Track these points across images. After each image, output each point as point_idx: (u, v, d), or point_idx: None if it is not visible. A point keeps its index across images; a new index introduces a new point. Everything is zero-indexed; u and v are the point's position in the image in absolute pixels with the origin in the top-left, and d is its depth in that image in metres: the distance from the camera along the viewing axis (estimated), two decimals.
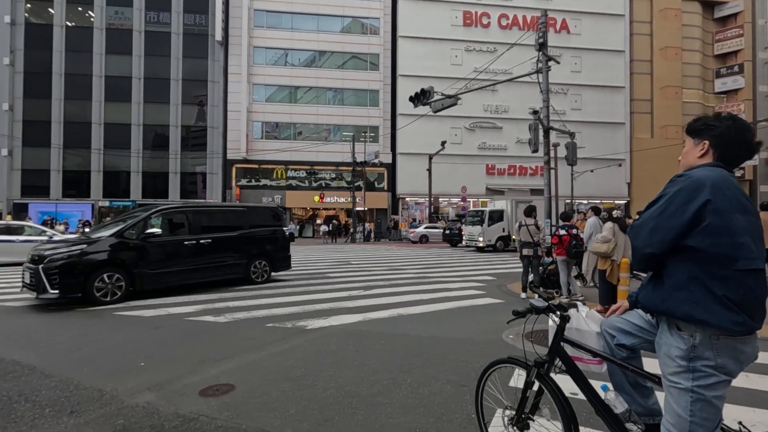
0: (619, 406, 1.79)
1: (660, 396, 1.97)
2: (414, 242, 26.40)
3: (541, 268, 7.74)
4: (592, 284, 8.32)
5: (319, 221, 33.64)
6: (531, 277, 7.63)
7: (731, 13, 37.80)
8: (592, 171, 30.37)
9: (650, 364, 1.98)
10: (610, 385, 1.94)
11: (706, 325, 1.41)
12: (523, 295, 7.51)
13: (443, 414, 2.88)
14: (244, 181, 32.57)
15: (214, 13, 32.17)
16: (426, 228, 27.15)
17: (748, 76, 36.85)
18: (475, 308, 6.61)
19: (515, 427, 2.07)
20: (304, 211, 35.39)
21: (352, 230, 29.85)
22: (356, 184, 29.58)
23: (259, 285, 8.71)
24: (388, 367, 3.83)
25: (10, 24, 30.45)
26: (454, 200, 33.37)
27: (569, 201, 29.92)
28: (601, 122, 34.64)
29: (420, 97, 12.84)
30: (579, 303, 2.04)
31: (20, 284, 7.21)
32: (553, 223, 11.33)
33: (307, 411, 2.97)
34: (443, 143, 27.87)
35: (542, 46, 10.63)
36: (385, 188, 34.16)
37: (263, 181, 32.93)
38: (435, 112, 13.54)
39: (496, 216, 19.34)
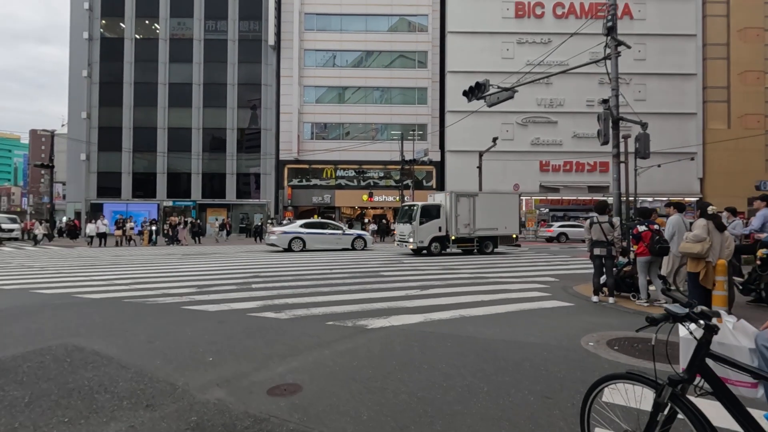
0: None
1: None
2: None
3: (615, 269, 7.11)
4: (673, 288, 7.54)
5: (367, 220, 33.82)
6: (603, 278, 7.02)
7: None
8: (659, 166, 28.04)
9: None
10: None
11: None
12: (595, 298, 6.93)
13: (533, 430, 2.58)
14: (295, 181, 33.39)
15: (267, 18, 33.28)
16: None
17: None
18: (543, 311, 6.17)
19: None
20: (352, 210, 35.70)
21: None
22: (405, 182, 29.37)
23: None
24: (460, 373, 3.57)
25: (88, 40, 33.23)
26: None
27: (632, 198, 27.92)
28: (669, 113, 32.01)
29: (474, 91, 12.37)
30: (722, 312, 1.68)
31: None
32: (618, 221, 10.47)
33: (380, 417, 2.78)
34: (494, 139, 26.88)
35: (611, 31, 9.84)
36: (434, 186, 33.66)
37: (313, 181, 33.59)
38: (490, 106, 12.99)
39: (432, 212, 16.09)
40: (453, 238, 16.18)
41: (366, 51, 34.17)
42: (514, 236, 17.73)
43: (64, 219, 30.60)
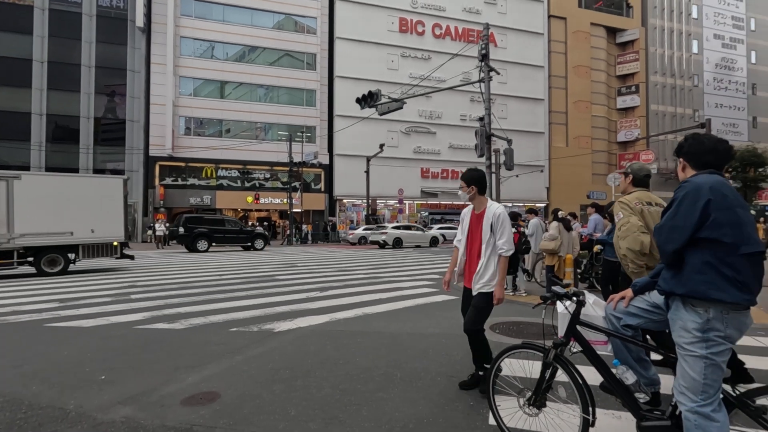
0: (630, 377, 2.04)
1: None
2: (353, 244, 26.45)
3: None
4: (533, 279, 9.01)
5: (251, 223, 32.32)
6: None
7: (629, 39, 43.04)
8: (517, 176, 32.65)
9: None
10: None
11: (719, 302, 1.69)
12: None
13: (446, 404, 3.01)
14: (169, 180, 30.26)
15: None
16: (365, 230, 27.33)
17: (643, 95, 42.19)
18: (435, 305, 6.86)
19: (533, 407, 2.25)
20: (235, 213, 33.74)
21: (288, 232, 29.13)
22: (293, 184, 28.91)
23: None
24: (375, 364, 3.88)
25: None
26: (391, 202, 34.00)
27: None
28: (525, 131, 37.39)
29: (368, 99, 12.97)
30: (585, 292, 2.27)
31: None
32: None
33: (308, 411, 2.92)
34: (381, 146, 28.26)
35: (485, 57, 11.31)
36: (322, 189, 33.80)
37: (191, 181, 30.88)
38: (381, 114, 13.76)
39: None
40: None
41: (250, 46, 32.73)
42: (117, 244, 11.93)
43: None
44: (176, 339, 4.79)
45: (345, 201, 34.15)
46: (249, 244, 21.66)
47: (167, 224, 25.80)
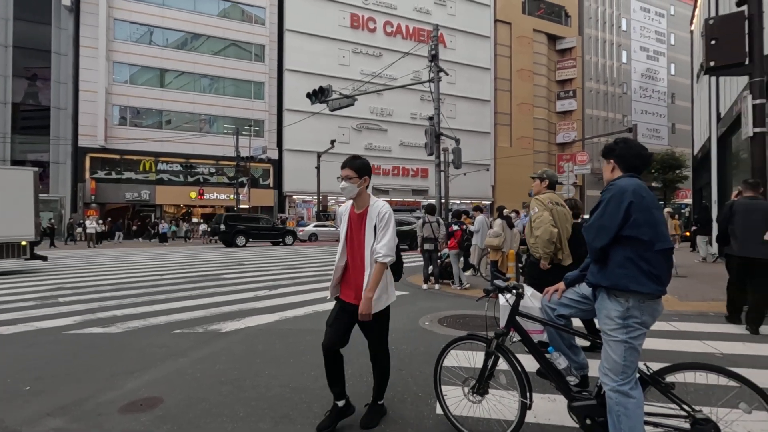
0: (562, 362, 2.23)
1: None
2: (303, 241, 26.06)
3: (439, 261, 8.48)
4: (478, 274, 9.41)
5: (195, 220, 30.86)
6: (431, 269, 8.30)
7: (567, 47, 45.77)
8: (465, 174, 33.72)
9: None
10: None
11: (637, 293, 1.89)
12: (425, 286, 8.14)
13: (395, 396, 3.09)
14: (101, 174, 28.07)
15: None
16: (315, 226, 27.04)
17: (579, 100, 45.11)
18: None
19: (476, 395, 2.38)
20: (177, 209, 32.05)
21: None
22: (240, 180, 27.91)
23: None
24: None
25: None
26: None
27: (443, 201, 32.79)
28: (472, 131, 38.69)
29: (318, 95, 12.81)
30: (524, 285, 2.44)
31: None
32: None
33: (257, 412, 2.89)
34: (333, 142, 28.05)
35: (434, 58, 11.57)
36: (271, 185, 32.94)
37: (126, 174, 28.85)
38: (332, 110, 13.64)
39: None
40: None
41: (193, 33, 31.08)
42: (26, 244, 10.84)
43: None
44: (113, 344, 4.51)
45: (295, 197, 33.53)
46: (280, 240, 23.28)
47: (100, 221, 24.02)
